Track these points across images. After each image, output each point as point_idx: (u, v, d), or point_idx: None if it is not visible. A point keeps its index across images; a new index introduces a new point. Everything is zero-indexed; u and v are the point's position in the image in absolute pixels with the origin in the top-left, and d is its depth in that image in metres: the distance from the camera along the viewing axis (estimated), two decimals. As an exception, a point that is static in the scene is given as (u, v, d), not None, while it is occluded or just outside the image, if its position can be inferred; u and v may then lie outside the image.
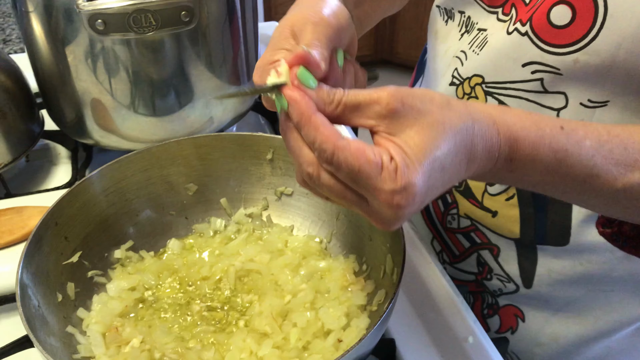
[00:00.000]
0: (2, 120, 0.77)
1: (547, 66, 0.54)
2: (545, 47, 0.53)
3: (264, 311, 0.58)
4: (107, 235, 0.63)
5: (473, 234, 0.71)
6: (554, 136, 0.43)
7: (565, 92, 0.55)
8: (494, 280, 0.71)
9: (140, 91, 0.76)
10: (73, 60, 0.74)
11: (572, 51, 0.52)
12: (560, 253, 0.64)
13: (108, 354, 0.55)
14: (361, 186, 0.39)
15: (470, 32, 0.62)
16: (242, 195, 0.69)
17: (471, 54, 0.61)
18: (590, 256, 0.63)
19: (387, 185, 0.38)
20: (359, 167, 0.37)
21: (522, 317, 0.72)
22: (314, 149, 0.39)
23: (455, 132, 0.39)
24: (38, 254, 0.54)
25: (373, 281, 0.60)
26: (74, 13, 0.69)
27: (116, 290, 0.61)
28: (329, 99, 0.40)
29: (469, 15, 0.63)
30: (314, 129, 0.39)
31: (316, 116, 0.39)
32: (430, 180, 0.39)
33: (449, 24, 0.67)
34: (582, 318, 0.68)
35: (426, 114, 0.39)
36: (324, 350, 0.54)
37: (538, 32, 0.54)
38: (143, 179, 0.65)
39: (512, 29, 0.56)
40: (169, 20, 0.70)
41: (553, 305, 0.68)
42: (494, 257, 0.70)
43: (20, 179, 0.85)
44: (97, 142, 0.82)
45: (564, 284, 0.66)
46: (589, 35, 0.50)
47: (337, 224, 0.66)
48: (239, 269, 0.63)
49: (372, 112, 0.39)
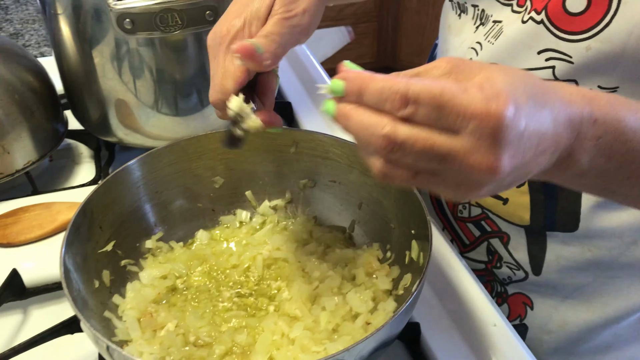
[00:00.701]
0: (30, 119, 0.79)
1: (561, 53, 0.56)
2: (560, 34, 0.56)
3: (293, 296, 0.60)
4: (139, 226, 0.65)
5: (483, 222, 0.72)
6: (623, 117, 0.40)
7: (576, 79, 0.57)
8: (504, 268, 0.73)
9: (163, 91, 0.79)
10: (99, 61, 0.77)
11: (585, 38, 0.54)
12: (570, 239, 0.66)
13: (144, 338, 0.56)
14: (448, 113, 0.34)
15: (486, 24, 0.64)
16: (266, 188, 0.71)
17: (486, 44, 0.63)
18: (599, 242, 0.64)
19: (477, 97, 0.33)
20: (441, 89, 0.34)
21: (530, 305, 0.73)
22: (385, 99, 0.35)
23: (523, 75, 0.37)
24: (77, 241, 0.56)
25: (398, 267, 0.62)
26: (103, 13, 0.72)
27: (149, 278, 0.62)
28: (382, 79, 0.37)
29: (482, 9, 0.65)
30: (380, 81, 0.36)
31: (375, 75, 0.37)
32: (519, 102, 0.34)
33: (463, 17, 0.69)
34: (590, 304, 0.69)
35: (488, 66, 0.36)
36: (353, 332, 0.56)
37: (553, 19, 0.56)
38: (172, 171, 0.67)
39: (527, 17, 0.58)
40: (194, 19, 0.72)
41: (561, 292, 0.70)
42: (504, 245, 0.71)
43: (45, 177, 0.87)
44: (121, 139, 0.84)
45: (572, 270, 0.67)
46: (602, 22, 0.52)
47: (359, 213, 0.68)
48: (266, 257, 0.65)
49: (432, 75, 0.37)
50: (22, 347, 0.57)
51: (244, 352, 0.56)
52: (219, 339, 0.56)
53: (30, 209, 0.76)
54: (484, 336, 0.62)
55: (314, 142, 0.68)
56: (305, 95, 1.01)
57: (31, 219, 0.75)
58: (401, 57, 2.94)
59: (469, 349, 0.61)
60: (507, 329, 0.63)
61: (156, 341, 0.56)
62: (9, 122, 0.77)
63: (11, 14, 1.31)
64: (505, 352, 0.60)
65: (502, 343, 0.61)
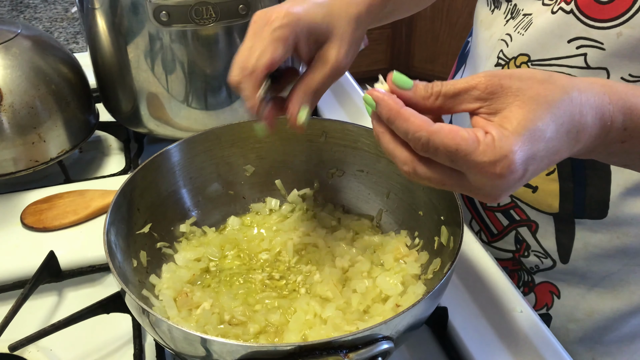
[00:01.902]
0: (65, 109, 0.82)
1: (592, 40, 0.57)
2: (590, 22, 0.57)
3: (324, 279, 0.61)
4: (173, 210, 0.67)
5: (512, 211, 0.73)
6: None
7: (607, 68, 0.58)
8: (531, 257, 0.74)
9: (194, 85, 0.81)
10: (134, 54, 0.79)
11: (616, 25, 0.55)
12: (598, 226, 0.67)
13: (181, 316, 0.58)
14: (460, 165, 0.40)
15: (516, 17, 0.66)
16: (295, 177, 0.73)
17: (516, 36, 0.65)
18: (627, 229, 0.65)
19: (486, 157, 0.38)
20: (456, 146, 0.39)
21: (557, 293, 0.74)
22: (409, 140, 0.41)
23: (558, 102, 0.40)
24: (117, 220, 0.58)
25: (426, 253, 0.63)
26: (140, 6, 0.74)
27: (183, 260, 0.64)
28: (427, 93, 0.42)
29: (515, 3, 0.67)
30: (404, 121, 0.40)
31: (405, 109, 0.41)
32: (532, 150, 0.39)
33: (495, 12, 0.71)
34: (618, 293, 0.70)
35: (527, 89, 0.40)
36: (384, 313, 0.58)
37: (583, 8, 0.57)
38: (206, 158, 0.69)
39: (557, 8, 0.60)
40: (227, 12, 0.75)
41: (589, 280, 0.71)
42: (532, 233, 0.72)
43: (76, 168, 0.90)
44: (151, 131, 0.86)
45: (600, 258, 0.68)
46: (633, 9, 0.54)
47: (387, 202, 0.70)
48: (296, 242, 0.66)
49: (471, 97, 0.41)
50: (62, 324, 0.59)
51: (278, 330, 0.57)
52: (253, 318, 0.58)
53: (64, 196, 0.78)
54: (509, 322, 0.63)
55: (343, 132, 0.70)
56: (328, 91, 1.04)
57: (65, 205, 0.77)
58: (414, 64, 2.96)
59: (496, 335, 0.62)
60: (533, 315, 0.64)
61: (192, 319, 0.58)
62: (46, 111, 0.79)
63: (40, 12, 1.34)
64: (532, 338, 0.61)
65: (528, 329, 0.62)
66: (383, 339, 0.46)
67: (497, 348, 0.60)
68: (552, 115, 0.40)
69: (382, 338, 0.46)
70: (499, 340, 0.61)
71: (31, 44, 0.81)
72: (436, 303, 0.55)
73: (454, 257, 0.53)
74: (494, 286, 0.67)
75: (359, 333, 0.45)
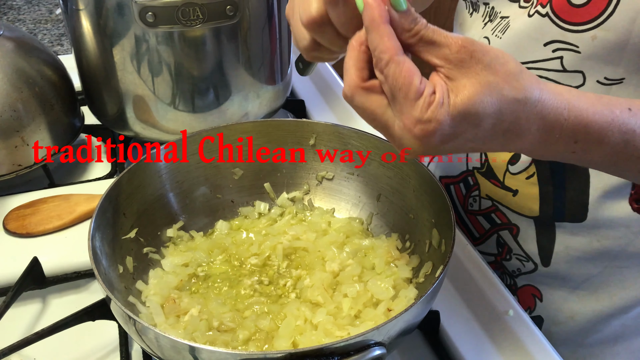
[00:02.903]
0: (49, 111, 0.80)
1: (567, 44, 0.57)
2: (565, 25, 0.57)
3: (314, 284, 0.60)
4: (160, 215, 0.66)
5: (493, 214, 0.73)
6: (623, 119, 0.44)
7: (583, 71, 0.58)
8: (513, 260, 0.74)
9: (181, 87, 0.80)
10: (119, 56, 0.78)
11: (591, 28, 0.55)
12: (578, 229, 0.67)
13: (168, 323, 0.57)
14: (395, 103, 0.41)
15: (494, 20, 0.66)
16: (284, 180, 0.72)
17: (494, 39, 0.65)
18: (606, 232, 0.66)
19: (415, 112, 0.40)
20: (401, 85, 0.40)
21: (539, 296, 0.74)
22: (374, 55, 0.41)
23: (511, 101, 0.40)
24: (102, 225, 0.56)
25: (417, 256, 0.63)
26: (125, 7, 0.73)
27: (170, 265, 0.63)
28: (409, 26, 0.41)
29: (492, 6, 0.67)
30: (379, 36, 0.40)
31: (385, 26, 0.41)
32: (458, 128, 0.41)
33: (474, 15, 0.71)
34: (599, 295, 0.70)
35: (490, 72, 0.40)
36: (375, 317, 0.57)
37: (558, 12, 0.57)
38: (193, 162, 0.68)
39: (533, 12, 0.60)
40: (214, 13, 0.74)
41: (570, 282, 0.71)
42: (514, 236, 0.72)
43: (61, 172, 0.88)
44: (138, 134, 0.85)
45: (581, 260, 0.68)
46: (607, 12, 0.54)
47: (378, 204, 0.69)
48: (286, 246, 0.65)
49: (441, 53, 0.41)
50: (46, 332, 0.58)
51: (268, 337, 0.56)
52: (243, 324, 0.57)
53: (48, 200, 0.77)
54: (501, 325, 0.62)
55: (333, 134, 0.69)
56: (317, 94, 1.03)
57: (50, 210, 0.75)
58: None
59: (488, 338, 0.61)
60: (524, 317, 0.63)
61: (180, 326, 0.56)
62: (29, 114, 0.77)
63: (23, 14, 1.32)
64: (524, 340, 0.61)
65: (520, 332, 0.62)
66: (375, 345, 0.45)
67: (489, 352, 0.60)
68: (497, 109, 0.40)
69: (374, 344, 0.45)
70: (491, 343, 0.61)
71: (14, 45, 0.79)
72: (429, 307, 0.54)
73: (446, 260, 0.52)
74: (485, 288, 0.67)
75: (350, 339, 0.44)
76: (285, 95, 0.92)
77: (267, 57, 0.84)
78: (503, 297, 0.65)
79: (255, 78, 0.84)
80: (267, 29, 0.82)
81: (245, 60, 0.81)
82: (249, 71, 0.82)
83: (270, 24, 0.82)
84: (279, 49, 0.86)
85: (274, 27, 0.83)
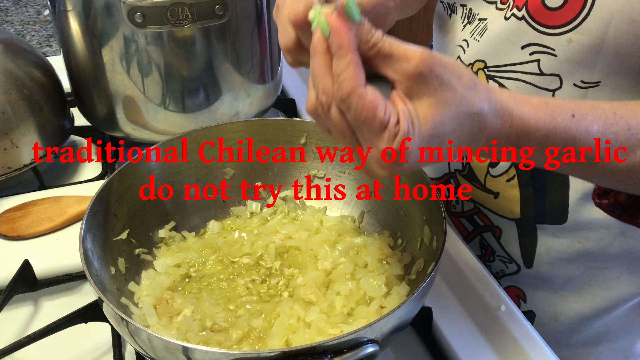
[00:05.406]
0: (38, 113, 0.80)
1: (544, 47, 0.57)
2: (541, 28, 0.57)
3: (307, 282, 0.61)
4: (151, 216, 0.66)
5: (476, 216, 0.74)
6: (565, 126, 0.44)
7: (560, 74, 0.58)
8: (497, 262, 0.75)
9: (171, 87, 0.80)
10: (108, 57, 0.77)
11: (566, 31, 0.55)
12: (559, 231, 0.67)
13: (161, 324, 0.57)
14: (360, 134, 0.41)
15: (472, 22, 0.66)
16: (276, 179, 0.72)
17: (472, 42, 0.65)
18: (587, 233, 0.66)
19: (382, 144, 0.40)
20: (364, 119, 0.39)
21: (523, 297, 0.75)
22: (336, 81, 0.40)
23: (466, 116, 0.41)
24: (93, 227, 0.56)
25: (409, 253, 0.63)
26: (114, 7, 0.72)
27: (163, 266, 0.63)
28: (366, 38, 0.40)
29: (470, 8, 0.67)
30: (345, 65, 0.39)
31: (353, 55, 0.39)
32: (424, 152, 0.41)
33: (452, 17, 0.71)
34: (581, 296, 0.71)
35: (448, 89, 0.40)
36: (368, 315, 0.57)
37: (534, 15, 0.57)
38: (183, 162, 0.68)
39: (510, 14, 0.60)
40: (203, 13, 0.74)
41: (553, 284, 0.71)
42: (496, 238, 0.73)
43: (51, 173, 0.87)
44: (128, 135, 0.85)
45: (563, 262, 0.69)
46: (581, 15, 0.54)
47: (369, 203, 0.69)
48: (278, 245, 0.65)
49: (400, 68, 0.40)
50: (38, 335, 0.57)
51: (261, 336, 0.56)
52: (236, 324, 0.57)
53: (39, 203, 0.76)
54: (494, 320, 0.63)
55: (324, 133, 0.69)
56: (308, 92, 1.03)
57: (40, 212, 0.75)
58: (393, 64, 2.97)
59: (480, 334, 0.61)
60: (516, 312, 0.64)
61: (173, 326, 0.56)
62: (18, 116, 0.77)
63: (11, 15, 1.31)
64: (517, 336, 0.61)
65: (512, 327, 0.62)
66: (368, 342, 0.45)
67: (482, 347, 0.60)
68: (456, 127, 0.41)
69: (367, 341, 0.45)
70: (483, 338, 0.61)
71: (1, 48, 0.79)
72: (421, 304, 0.54)
73: (438, 257, 0.52)
74: (476, 284, 0.67)
75: (343, 337, 0.44)
76: (275, 94, 0.92)
77: (257, 56, 0.84)
78: (495, 292, 0.66)
79: (245, 77, 0.84)
80: (256, 28, 0.82)
81: (235, 59, 0.81)
82: (239, 70, 0.82)
83: (259, 23, 0.82)
84: (269, 48, 0.86)
85: (264, 26, 0.83)
